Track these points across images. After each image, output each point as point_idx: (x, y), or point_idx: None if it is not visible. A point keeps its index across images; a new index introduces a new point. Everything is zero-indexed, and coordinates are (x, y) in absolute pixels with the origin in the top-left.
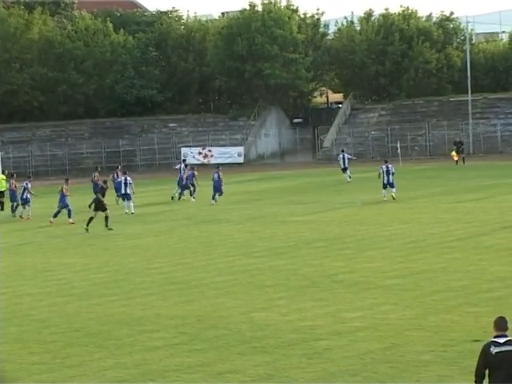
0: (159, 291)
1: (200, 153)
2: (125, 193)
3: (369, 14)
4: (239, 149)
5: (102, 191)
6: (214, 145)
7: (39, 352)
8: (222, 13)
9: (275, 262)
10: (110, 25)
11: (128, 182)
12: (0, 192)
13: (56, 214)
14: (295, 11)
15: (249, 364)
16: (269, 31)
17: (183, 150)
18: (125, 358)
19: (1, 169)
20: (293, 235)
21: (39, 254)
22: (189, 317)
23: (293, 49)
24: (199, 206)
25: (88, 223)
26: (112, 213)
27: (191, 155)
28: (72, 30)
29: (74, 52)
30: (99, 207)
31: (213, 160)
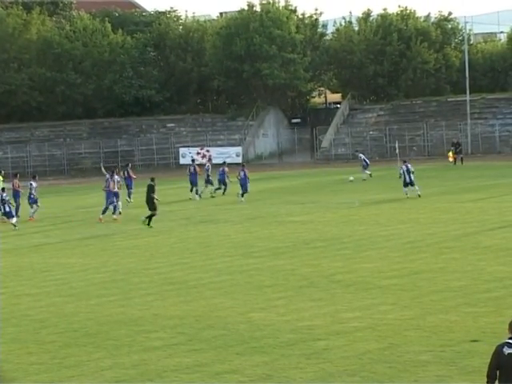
0: (157, 291)
1: (198, 153)
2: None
3: (367, 14)
4: (237, 149)
5: (153, 189)
6: (213, 145)
7: (37, 352)
8: (221, 13)
9: (273, 262)
10: (109, 25)
11: (116, 181)
12: None
13: (104, 211)
14: (293, 11)
15: (247, 364)
16: (267, 31)
17: (181, 150)
18: (123, 358)
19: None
20: (291, 235)
21: (37, 255)
22: (187, 317)
23: (291, 49)
24: (198, 206)
25: (149, 221)
26: (122, 210)
27: (189, 155)
28: (70, 30)
29: (73, 52)
30: (151, 205)
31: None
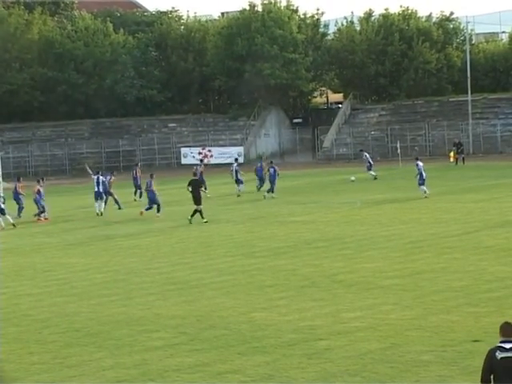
0: (159, 291)
1: (200, 153)
2: (97, 191)
3: (369, 14)
4: (239, 149)
5: (200, 185)
6: (214, 145)
7: (39, 352)
8: (222, 13)
9: (275, 262)
10: (110, 25)
11: (101, 181)
12: None
13: (148, 209)
14: (295, 11)
15: (249, 364)
16: (269, 31)
17: (183, 150)
18: (124, 358)
19: (1, 169)
20: (293, 235)
21: (39, 254)
22: (188, 317)
23: (293, 49)
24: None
25: (193, 216)
26: (123, 210)
27: (191, 155)
28: (72, 30)
29: (74, 52)
30: (196, 200)
31: (212, 160)
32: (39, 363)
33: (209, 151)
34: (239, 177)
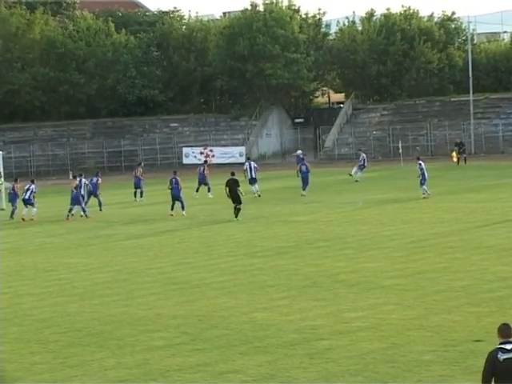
0: (161, 291)
1: (201, 153)
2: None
3: (370, 14)
4: (241, 149)
5: (237, 183)
6: (216, 145)
7: (40, 352)
8: (224, 13)
9: (277, 262)
10: (112, 25)
11: (83, 184)
12: None
13: (173, 207)
14: (297, 11)
15: (250, 364)
16: (270, 31)
17: (185, 150)
18: (126, 358)
19: (2, 169)
20: (294, 235)
21: (40, 254)
22: (190, 317)
23: (294, 49)
24: (201, 206)
25: (236, 215)
26: (124, 210)
27: (193, 155)
28: (74, 30)
29: (76, 52)
30: (235, 198)
31: (214, 160)
32: (41, 363)
33: (210, 151)
34: (254, 175)
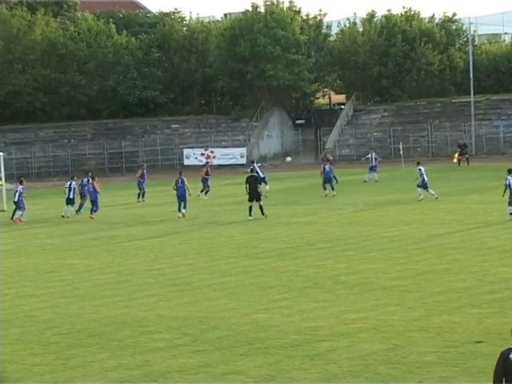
0: (162, 292)
1: (202, 154)
2: (68, 197)
3: (371, 16)
4: (241, 150)
5: (258, 181)
6: (217, 146)
7: (41, 353)
8: (225, 14)
9: (278, 263)
10: (113, 26)
11: (72, 187)
12: None
13: (179, 208)
14: (298, 12)
15: (251, 365)
16: (271, 32)
17: (186, 151)
18: (127, 359)
19: (3, 170)
20: (295, 236)
21: (41, 255)
22: (191, 318)
23: (295, 50)
24: (201, 207)
25: (262, 212)
26: (125, 212)
27: (193, 156)
28: (75, 31)
29: (77, 53)
30: (255, 196)
31: (215, 161)
32: (42, 364)
33: (211, 152)
34: (263, 175)
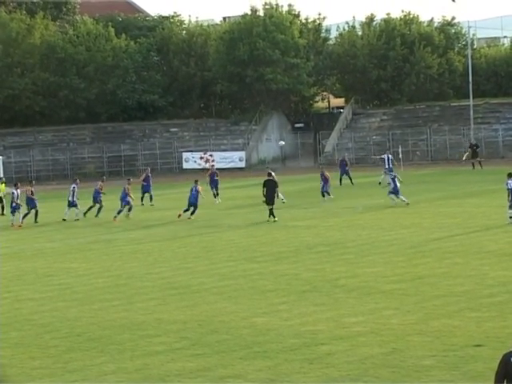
0: (160, 296)
1: (201, 157)
2: (69, 200)
3: (370, 19)
4: (241, 153)
5: (276, 184)
6: (216, 149)
7: (40, 357)
8: (224, 18)
9: (277, 267)
10: (112, 29)
11: (75, 190)
12: None
13: (186, 211)
14: (297, 16)
15: (250, 369)
16: (270, 36)
17: (185, 155)
18: (126, 363)
19: (2, 173)
20: (294, 240)
21: (40, 259)
22: (190, 321)
23: (294, 54)
24: (200, 211)
25: (270, 215)
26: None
27: (192, 160)
28: (74, 35)
29: (76, 57)
30: (271, 199)
31: (214, 165)
32: (41, 368)
33: (210, 156)
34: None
